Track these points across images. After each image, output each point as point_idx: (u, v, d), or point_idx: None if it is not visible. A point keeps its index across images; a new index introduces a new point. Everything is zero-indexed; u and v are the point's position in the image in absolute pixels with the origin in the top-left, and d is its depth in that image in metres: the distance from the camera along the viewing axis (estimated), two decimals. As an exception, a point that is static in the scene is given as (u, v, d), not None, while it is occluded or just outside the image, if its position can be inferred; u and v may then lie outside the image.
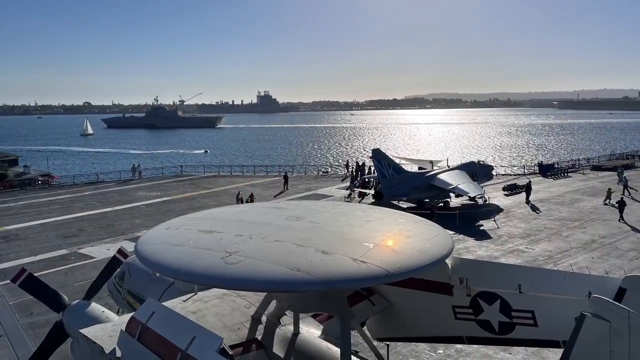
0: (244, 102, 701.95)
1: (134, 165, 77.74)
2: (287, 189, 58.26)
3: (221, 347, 8.25)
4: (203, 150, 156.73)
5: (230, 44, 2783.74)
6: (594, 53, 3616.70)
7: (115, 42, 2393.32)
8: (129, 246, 18.55)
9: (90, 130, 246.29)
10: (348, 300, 11.52)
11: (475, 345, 17.78)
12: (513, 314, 11.08)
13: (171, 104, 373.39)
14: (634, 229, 38.34)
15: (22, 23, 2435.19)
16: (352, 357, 10.60)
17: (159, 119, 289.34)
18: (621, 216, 40.77)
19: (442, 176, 46.27)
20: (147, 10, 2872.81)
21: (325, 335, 12.04)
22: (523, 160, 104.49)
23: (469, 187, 44.19)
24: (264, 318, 11.78)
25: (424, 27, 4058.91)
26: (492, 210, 43.90)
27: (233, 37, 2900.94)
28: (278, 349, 11.32)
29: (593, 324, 8.05)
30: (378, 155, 47.31)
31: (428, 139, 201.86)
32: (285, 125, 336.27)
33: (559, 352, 8.99)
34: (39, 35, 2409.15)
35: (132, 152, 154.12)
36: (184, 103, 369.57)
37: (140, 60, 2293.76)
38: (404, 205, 46.06)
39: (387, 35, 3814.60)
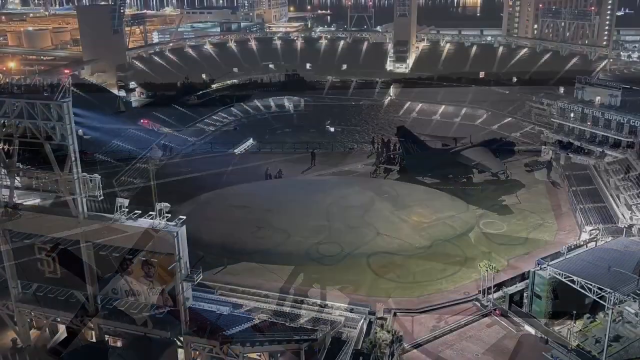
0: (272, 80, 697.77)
1: (165, 142, 79.00)
2: (314, 165, 59.23)
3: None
4: (233, 127, 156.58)
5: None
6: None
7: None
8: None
9: (122, 108, 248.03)
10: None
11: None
12: None
13: (201, 82, 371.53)
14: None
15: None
16: None
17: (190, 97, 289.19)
18: None
19: (465, 153, 46.59)
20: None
21: None
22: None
23: (492, 164, 44.64)
24: (291, 290, 12.89)
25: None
26: (514, 186, 44.30)
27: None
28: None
29: None
30: (403, 133, 47.80)
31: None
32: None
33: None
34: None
35: (164, 129, 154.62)
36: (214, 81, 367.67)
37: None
38: (428, 181, 46.61)
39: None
